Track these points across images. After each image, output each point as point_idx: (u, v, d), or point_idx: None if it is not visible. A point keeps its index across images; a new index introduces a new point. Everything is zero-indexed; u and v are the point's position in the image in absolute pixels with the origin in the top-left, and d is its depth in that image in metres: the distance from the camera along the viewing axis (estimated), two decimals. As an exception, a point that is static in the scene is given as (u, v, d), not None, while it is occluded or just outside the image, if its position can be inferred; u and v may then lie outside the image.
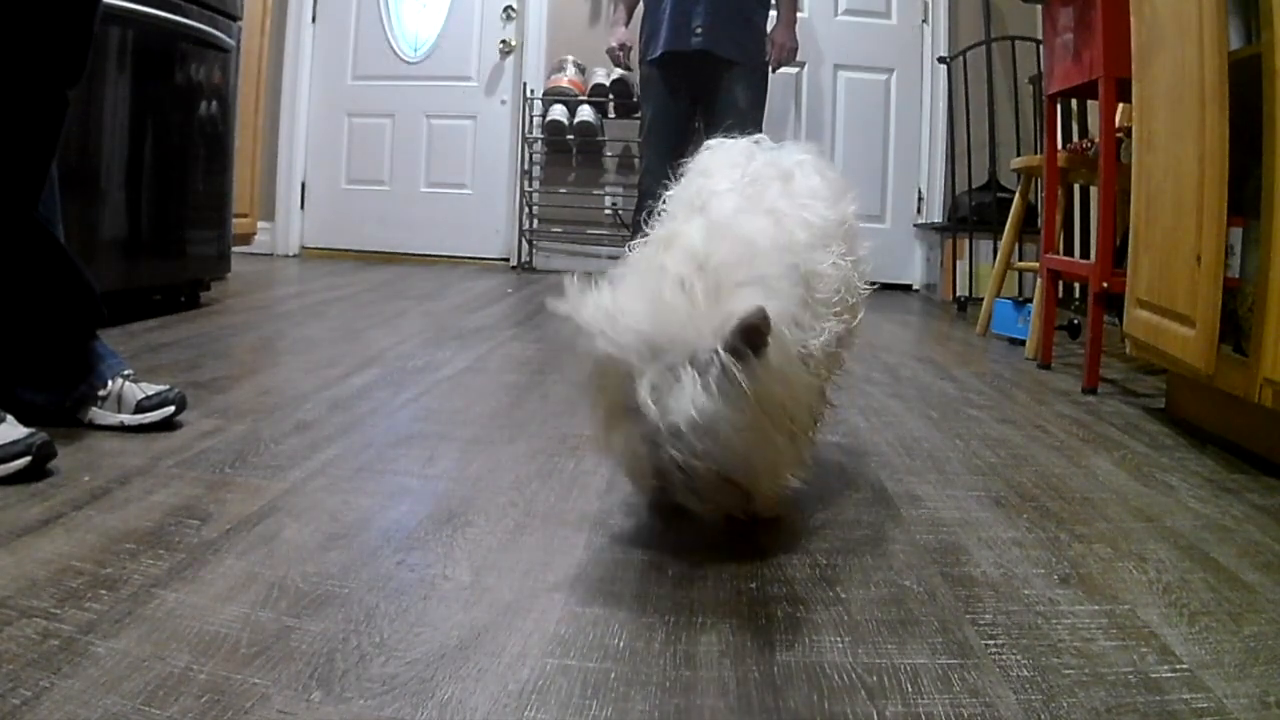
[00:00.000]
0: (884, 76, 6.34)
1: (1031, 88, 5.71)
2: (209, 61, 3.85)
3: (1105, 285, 3.06)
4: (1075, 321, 4.32)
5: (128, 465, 1.88)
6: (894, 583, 1.53)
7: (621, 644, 1.29)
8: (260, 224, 6.52)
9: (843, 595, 1.47)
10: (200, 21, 3.69)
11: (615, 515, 1.77)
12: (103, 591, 1.34)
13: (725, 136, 1.95)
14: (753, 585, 1.49)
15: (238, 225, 4.50)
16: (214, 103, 3.93)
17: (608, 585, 1.47)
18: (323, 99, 6.75)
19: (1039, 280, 3.80)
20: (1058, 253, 4.18)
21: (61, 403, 2.11)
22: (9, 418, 1.79)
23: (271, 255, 6.57)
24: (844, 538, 1.71)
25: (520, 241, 6.53)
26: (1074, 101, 4.78)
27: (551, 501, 1.83)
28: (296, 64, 6.62)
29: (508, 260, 6.67)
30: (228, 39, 3.92)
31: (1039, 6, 4.05)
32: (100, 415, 2.10)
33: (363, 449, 2.10)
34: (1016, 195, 4.44)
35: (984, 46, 6.02)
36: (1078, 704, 1.18)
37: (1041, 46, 4.42)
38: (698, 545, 1.65)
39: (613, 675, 1.21)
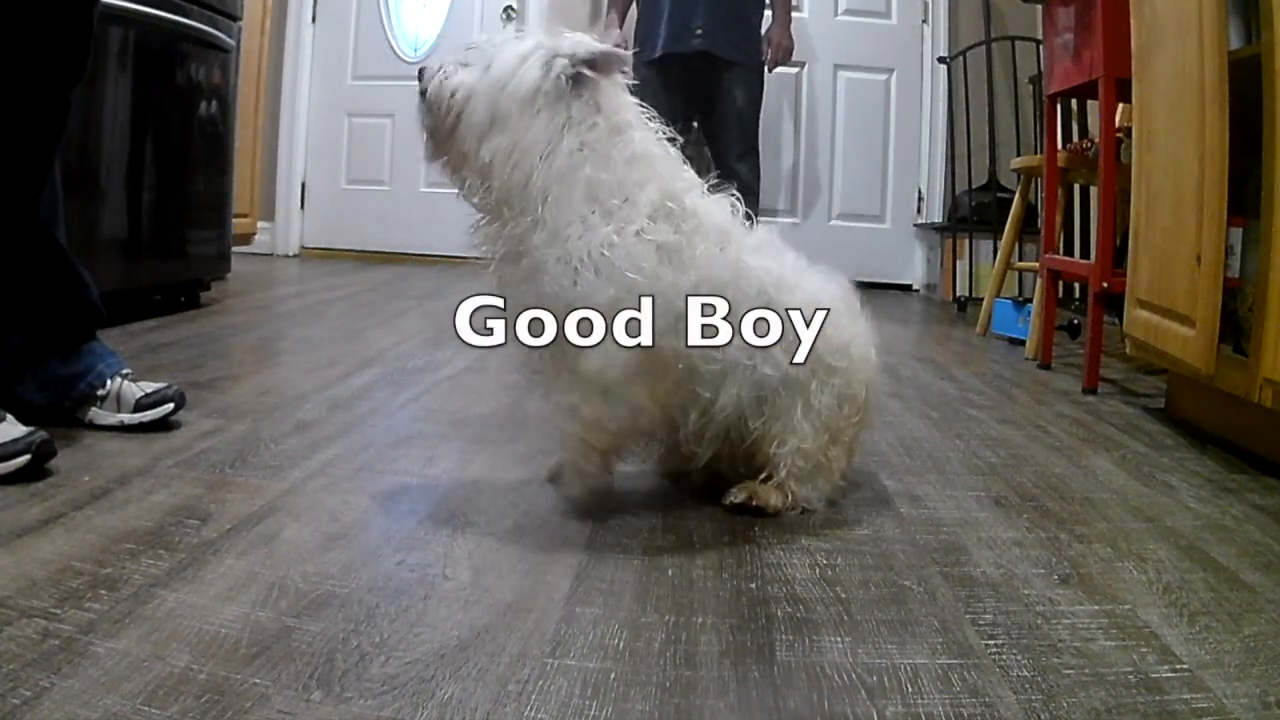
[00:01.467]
0: (884, 76, 6.33)
1: (1031, 88, 5.71)
2: (209, 61, 3.85)
3: (1105, 285, 3.07)
4: (1075, 321, 4.33)
5: (128, 465, 1.88)
6: (894, 583, 1.53)
7: (621, 644, 1.29)
8: (260, 224, 6.52)
9: (843, 595, 1.47)
10: (200, 21, 3.70)
11: (616, 515, 1.77)
12: (103, 591, 1.34)
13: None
14: (753, 585, 1.49)
15: (238, 225, 4.51)
16: (214, 103, 3.93)
17: (608, 585, 1.47)
18: (323, 99, 6.74)
19: (1039, 280, 3.80)
20: (1058, 253, 4.18)
21: (61, 402, 2.11)
22: (9, 417, 1.79)
23: (271, 255, 6.57)
24: (844, 538, 1.71)
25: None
26: (1074, 101, 4.78)
27: (552, 502, 1.83)
28: (296, 64, 6.62)
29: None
30: (228, 39, 3.92)
31: (1039, 6, 4.06)
32: (99, 415, 2.10)
33: (363, 449, 2.10)
34: (1016, 195, 4.44)
35: (984, 46, 6.02)
36: (1078, 704, 1.18)
37: (1041, 46, 4.42)
38: (698, 545, 1.65)
39: (613, 675, 1.21)
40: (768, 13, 4.77)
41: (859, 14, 6.32)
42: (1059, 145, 3.82)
